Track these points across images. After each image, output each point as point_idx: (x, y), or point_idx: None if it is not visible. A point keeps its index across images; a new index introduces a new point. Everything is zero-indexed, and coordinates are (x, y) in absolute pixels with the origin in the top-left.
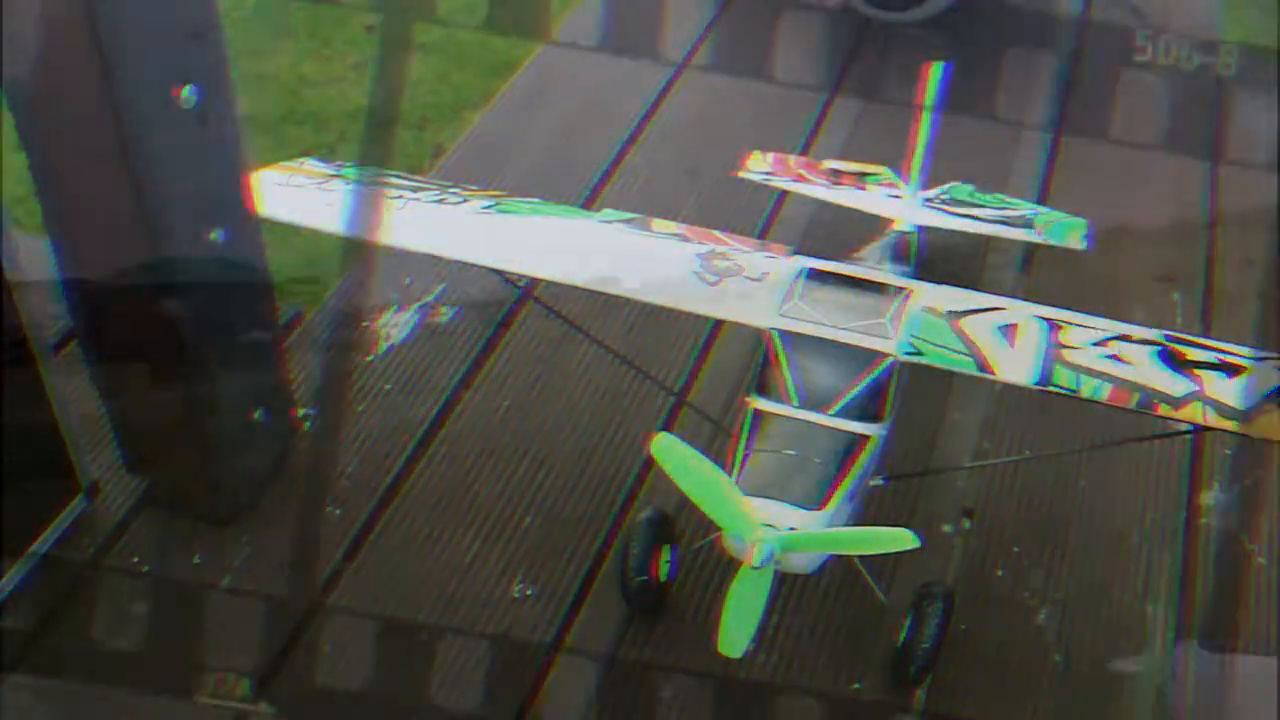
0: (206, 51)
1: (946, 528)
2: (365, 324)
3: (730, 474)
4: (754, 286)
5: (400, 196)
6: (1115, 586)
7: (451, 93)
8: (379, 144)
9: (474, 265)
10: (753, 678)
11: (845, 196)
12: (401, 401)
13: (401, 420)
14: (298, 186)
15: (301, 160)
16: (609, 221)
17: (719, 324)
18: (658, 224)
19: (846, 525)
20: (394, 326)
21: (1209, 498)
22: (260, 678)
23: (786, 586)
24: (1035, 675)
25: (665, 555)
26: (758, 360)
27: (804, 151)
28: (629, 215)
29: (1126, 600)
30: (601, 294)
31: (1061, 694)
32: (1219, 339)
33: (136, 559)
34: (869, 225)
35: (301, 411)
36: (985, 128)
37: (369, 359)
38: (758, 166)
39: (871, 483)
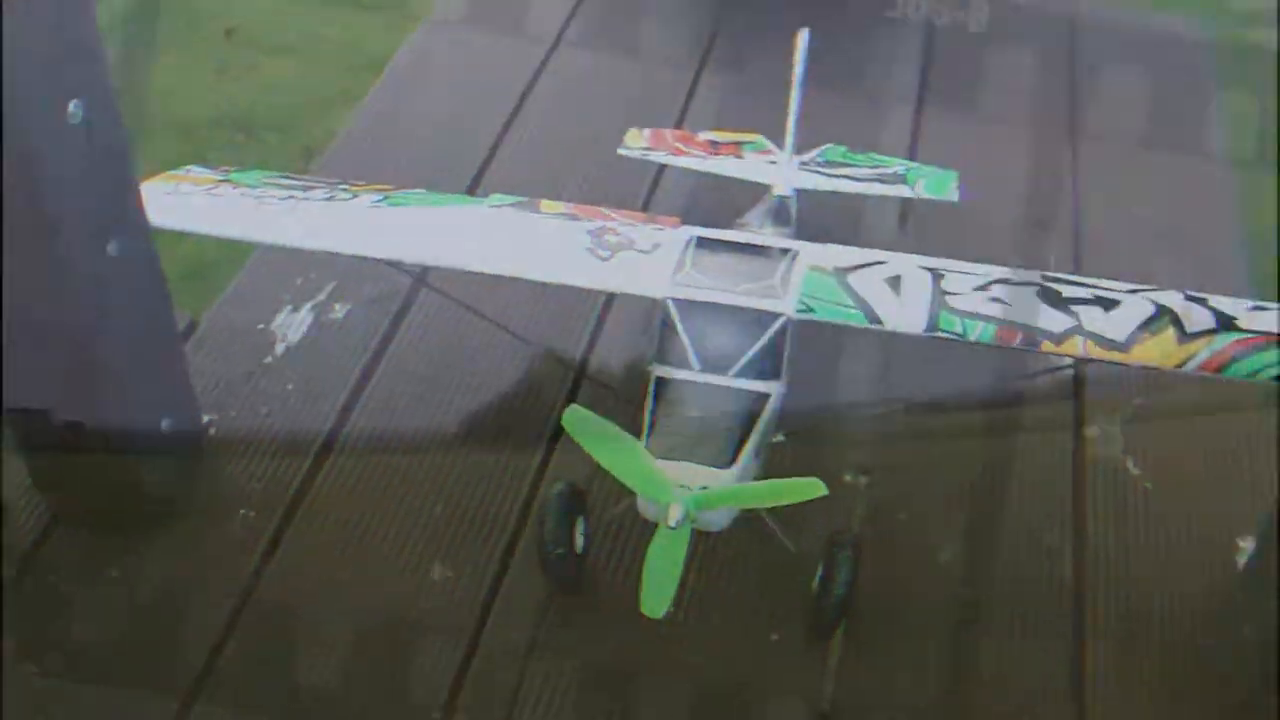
0: (90, 66)
1: (848, 477)
2: (261, 326)
3: (640, 440)
4: (646, 259)
5: (291, 197)
6: (1012, 521)
7: (315, 92)
8: (246, 149)
9: (368, 259)
10: (673, 636)
11: (723, 166)
12: (304, 401)
13: (306, 419)
14: (186, 194)
15: (187, 168)
16: (498, 206)
17: (612, 297)
18: (546, 205)
19: (755, 479)
20: (289, 327)
21: (1094, 430)
22: (187, 687)
23: (700, 545)
24: (943, 610)
25: (580, 526)
26: (656, 330)
27: (679, 124)
28: (517, 198)
29: (1024, 533)
30: (497, 276)
31: (969, 625)
32: (1091, 277)
33: (52, 578)
34: (750, 192)
35: (206, 418)
36: (853, 92)
37: (267, 361)
38: (635, 142)
39: (773, 439)
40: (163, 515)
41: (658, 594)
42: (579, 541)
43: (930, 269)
